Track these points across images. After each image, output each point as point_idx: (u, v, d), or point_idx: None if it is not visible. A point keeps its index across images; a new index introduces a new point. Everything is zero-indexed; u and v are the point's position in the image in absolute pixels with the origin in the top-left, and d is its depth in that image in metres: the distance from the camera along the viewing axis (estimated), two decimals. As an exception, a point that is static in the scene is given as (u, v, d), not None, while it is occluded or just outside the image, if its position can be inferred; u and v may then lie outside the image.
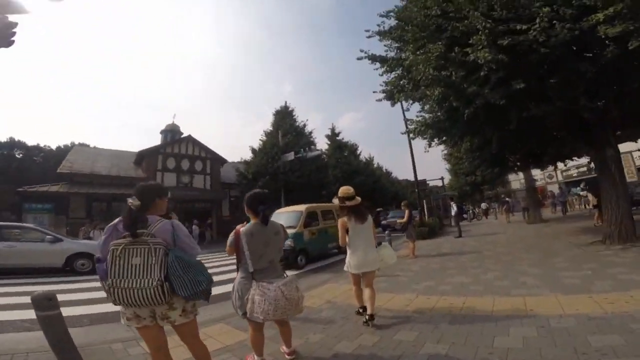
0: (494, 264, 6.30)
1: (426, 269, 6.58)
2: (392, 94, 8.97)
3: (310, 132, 24.74)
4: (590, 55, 5.93)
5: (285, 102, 25.42)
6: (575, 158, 13.58)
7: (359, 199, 3.92)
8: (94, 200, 20.44)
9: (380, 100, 9.40)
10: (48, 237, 8.93)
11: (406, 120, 11.78)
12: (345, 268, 3.99)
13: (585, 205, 20.47)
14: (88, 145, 34.37)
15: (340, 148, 32.26)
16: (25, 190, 17.94)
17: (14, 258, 8.27)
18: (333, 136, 33.26)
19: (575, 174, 31.35)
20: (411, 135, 8.70)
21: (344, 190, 3.95)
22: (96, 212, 20.58)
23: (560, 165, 20.77)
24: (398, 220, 8.80)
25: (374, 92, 9.68)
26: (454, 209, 12.63)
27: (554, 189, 30.05)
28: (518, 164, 16.63)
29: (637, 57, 5.37)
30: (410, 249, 8.24)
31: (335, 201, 3.98)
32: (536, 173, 35.32)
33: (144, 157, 22.68)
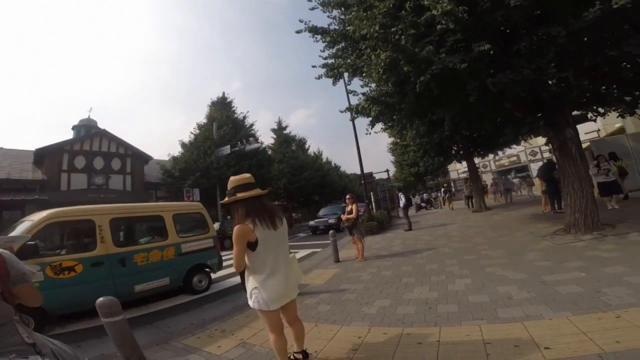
0: (458, 265, 5.15)
1: (378, 277, 5.22)
2: (333, 68, 7.58)
3: (252, 125, 22.56)
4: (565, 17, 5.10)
5: (223, 93, 22.94)
6: (531, 140, 13.52)
7: (259, 190, 2.33)
8: (-28, 209, 16.11)
9: (319, 77, 7.99)
10: None
11: (348, 92, 10.43)
12: (253, 305, 2.31)
13: (519, 192, 21.51)
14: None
15: (288, 142, 30.59)
16: None
17: None
18: (280, 130, 31.40)
19: (506, 163, 33.64)
20: (354, 114, 7.34)
21: (237, 177, 2.37)
22: (-21, 223, 16.32)
23: (491, 154, 21.45)
24: (343, 217, 7.27)
25: (313, 66, 8.21)
26: (402, 200, 11.69)
27: (488, 177, 31.85)
28: (461, 152, 16.57)
29: (619, 18, 4.61)
30: (358, 250, 6.89)
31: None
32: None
33: (45, 156, 18.58)
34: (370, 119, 8.24)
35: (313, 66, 8.00)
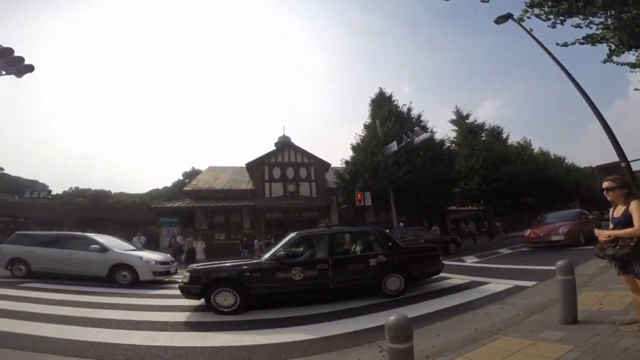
0: None
1: None
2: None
3: (419, 117, 19.39)
4: None
5: (380, 88, 21.13)
6: None
7: None
8: (214, 213, 21.14)
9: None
10: (95, 246, 8.47)
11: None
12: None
13: None
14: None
15: (474, 132, 24.78)
16: (156, 207, 20.20)
17: (69, 265, 8.34)
18: (460, 119, 26.00)
19: None
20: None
21: None
22: (216, 224, 21.36)
23: None
24: (602, 234, 2.83)
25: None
26: None
27: None
28: None
29: None
30: None
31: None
32: None
33: (252, 170, 22.66)
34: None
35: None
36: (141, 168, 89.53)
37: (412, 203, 17.34)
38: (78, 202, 30.39)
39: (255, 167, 22.17)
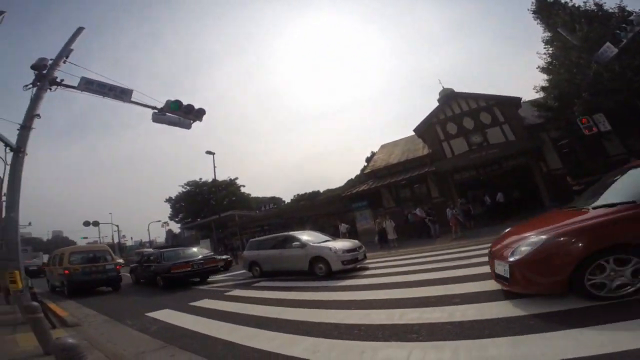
0: None
1: None
2: None
3: (622, 8, 11.62)
4: None
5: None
6: None
7: None
8: (397, 188, 20.64)
9: None
10: (296, 243, 9.54)
11: None
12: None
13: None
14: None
15: None
16: (345, 195, 21.86)
17: (283, 263, 9.78)
18: None
19: None
20: None
21: None
22: (402, 198, 20.78)
23: None
24: None
25: None
26: None
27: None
28: None
29: None
30: None
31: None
32: None
33: (424, 134, 20.65)
34: None
35: None
36: (337, 165, 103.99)
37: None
38: (299, 205, 37.68)
39: (426, 130, 20.07)
